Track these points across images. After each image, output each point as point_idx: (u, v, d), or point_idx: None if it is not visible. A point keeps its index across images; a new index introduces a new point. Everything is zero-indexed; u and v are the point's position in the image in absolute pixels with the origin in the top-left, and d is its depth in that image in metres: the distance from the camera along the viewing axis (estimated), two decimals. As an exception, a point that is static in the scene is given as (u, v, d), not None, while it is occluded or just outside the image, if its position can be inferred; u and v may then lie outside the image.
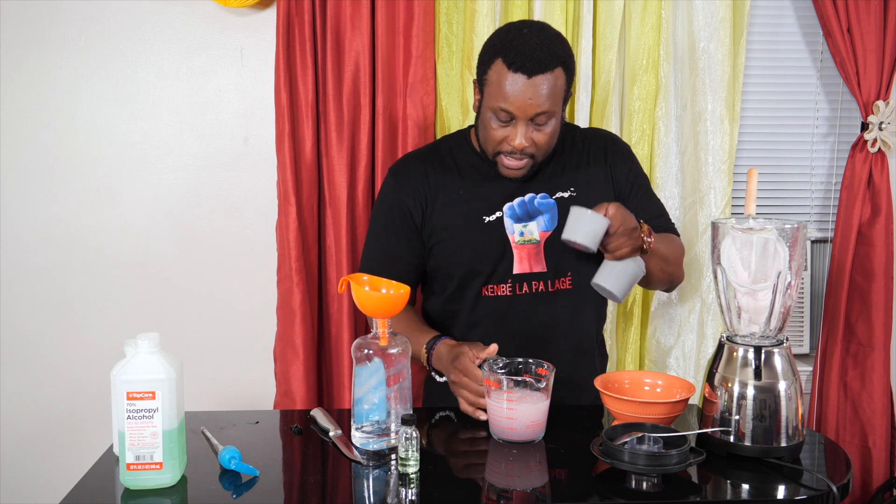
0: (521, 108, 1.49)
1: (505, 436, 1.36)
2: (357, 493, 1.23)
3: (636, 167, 1.72)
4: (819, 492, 1.19)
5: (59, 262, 2.12)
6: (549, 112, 1.50)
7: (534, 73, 1.47)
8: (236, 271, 2.14)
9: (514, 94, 1.48)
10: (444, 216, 1.63)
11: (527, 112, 1.49)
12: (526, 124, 1.51)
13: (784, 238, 1.28)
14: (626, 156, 1.72)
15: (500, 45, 1.51)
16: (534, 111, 1.49)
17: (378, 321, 1.33)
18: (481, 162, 1.66)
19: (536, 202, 1.63)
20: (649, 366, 2.17)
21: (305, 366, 2.01)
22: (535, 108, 1.49)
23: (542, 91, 1.48)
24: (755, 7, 2.15)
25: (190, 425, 1.38)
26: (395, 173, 1.70)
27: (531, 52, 1.48)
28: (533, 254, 1.62)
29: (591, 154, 1.68)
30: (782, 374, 1.28)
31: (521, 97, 1.48)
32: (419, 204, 1.65)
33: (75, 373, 2.14)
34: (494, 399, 1.36)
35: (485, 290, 1.62)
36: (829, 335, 2.21)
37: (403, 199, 1.65)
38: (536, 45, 1.49)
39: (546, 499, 1.20)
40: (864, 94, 2.11)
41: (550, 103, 1.49)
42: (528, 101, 1.48)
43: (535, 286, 1.62)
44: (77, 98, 2.08)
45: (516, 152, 1.53)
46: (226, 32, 2.08)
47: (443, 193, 1.65)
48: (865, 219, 2.16)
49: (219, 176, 2.12)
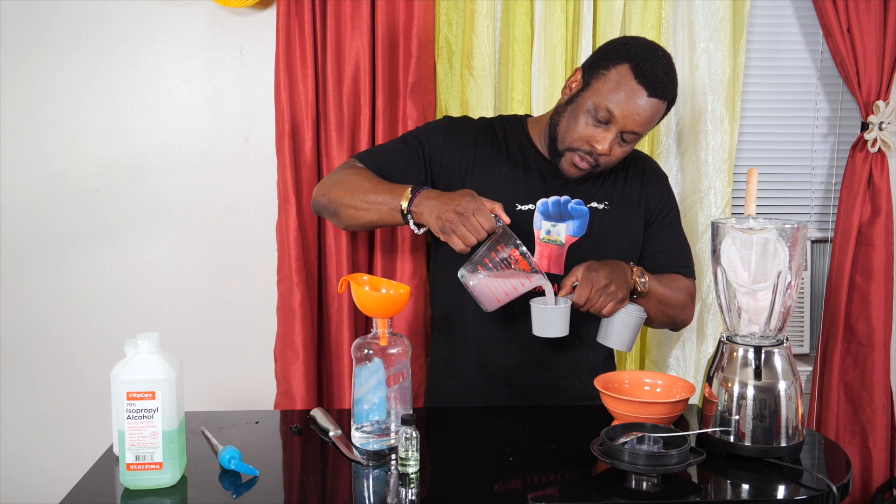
0: (625, 118, 1.51)
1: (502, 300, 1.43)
2: (357, 493, 1.23)
3: (669, 198, 1.74)
4: (819, 492, 1.19)
5: (59, 261, 2.12)
6: (640, 134, 1.54)
7: (654, 94, 1.51)
8: (236, 271, 2.14)
9: (628, 102, 1.50)
10: (480, 190, 1.53)
11: (627, 123, 1.51)
12: (616, 134, 1.53)
13: (784, 238, 1.28)
14: (661, 184, 1.74)
15: (632, 54, 1.52)
16: (633, 126, 1.52)
17: (378, 321, 1.33)
18: (531, 152, 1.66)
19: (570, 206, 1.64)
20: (649, 366, 2.17)
21: (305, 366, 2.01)
22: (636, 124, 1.52)
23: (650, 112, 1.52)
24: (755, 7, 2.15)
25: (190, 425, 1.38)
26: (448, 122, 1.70)
27: (661, 74, 1.51)
28: (555, 255, 1.62)
29: (630, 172, 1.70)
30: (782, 374, 1.28)
31: (633, 108, 1.50)
32: (457, 163, 1.63)
33: (75, 373, 2.14)
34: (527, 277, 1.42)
35: None
36: (829, 335, 2.21)
37: (440, 145, 1.64)
38: (666, 71, 1.53)
39: (546, 499, 1.20)
40: (864, 94, 2.11)
41: (647, 127, 1.54)
42: (636, 115, 1.51)
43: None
44: (77, 98, 2.08)
45: (592, 155, 1.55)
46: (226, 32, 2.08)
47: (483, 167, 1.64)
48: (865, 219, 2.16)
49: (219, 176, 2.12)
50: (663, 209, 1.71)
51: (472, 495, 1.22)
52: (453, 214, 1.40)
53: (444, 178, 1.64)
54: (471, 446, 1.39)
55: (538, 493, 1.22)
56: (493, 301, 1.45)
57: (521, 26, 2.01)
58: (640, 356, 2.18)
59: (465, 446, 1.40)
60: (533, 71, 2.02)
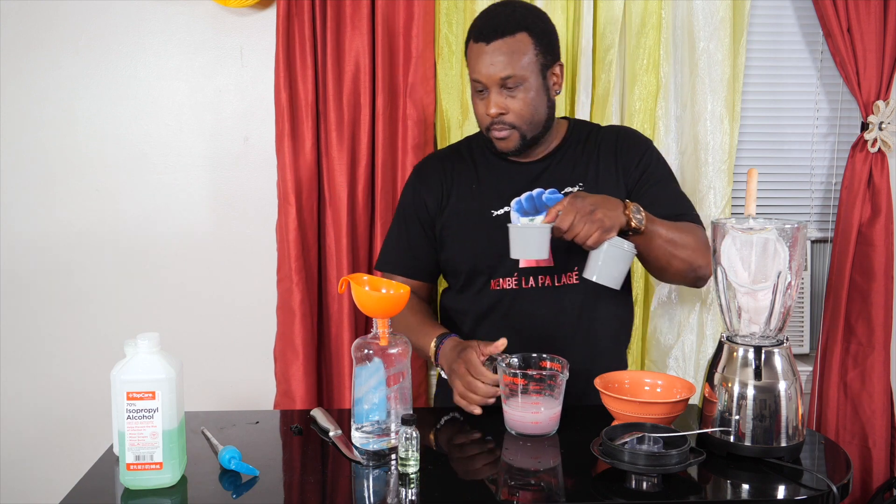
0: (486, 75, 1.55)
1: (528, 430, 1.37)
2: (357, 493, 1.23)
3: (650, 158, 1.68)
4: (819, 492, 1.19)
5: (59, 262, 2.12)
6: (516, 76, 1.54)
7: (492, 40, 1.54)
8: (236, 271, 2.14)
9: (477, 62, 1.55)
10: (456, 209, 1.68)
11: (492, 78, 1.54)
12: (497, 91, 1.56)
13: (784, 238, 1.28)
14: (637, 146, 1.69)
15: (471, 25, 1.60)
16: (498, 75, 1.53)
17: (378, 321, 1.33)
18: (496, 158, 1.69)
19: (545, 197, 1.64)
20: (649, 366, 2.17)
21: (305, 366, 2.01)
22: (497, 72, 1.53)
23: (502, 55, 1.53)
24: (755, 7, 2.15)
25: (190, 425, 1.38)
26: (416, 171, 1.78)
27: (490, 20, 1.56)
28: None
29: (602, 148, 1.68)
30: (782, 374, 1.28)
31: (484, 64, 1.54)
32: (437, 200, 1.70)
33: (75, 373, 2.14)
34: (518, 396, 1.37)
35: (493, 284, 1.63)
36: (829, 335, 2.21)
37: (423, 195, 1.71)
38: (496, 14, 1.58)
39: (546, 499, 1.20)
40: (864, 94, 2.11)
41: (515, 67, 1.54)
42: (490, 67, 1.53)
43: (541, 280, 1.62)
44: (77, 98, 2.08)
45: (497, 122, 1.58)
46: (226, 32, 2.08)
47: (458, 188, 1.69)
48: (865, 219, 2.16)
49: (219, 176, 2.12)
50: (645, 169, 1.66)
51: (471, 495, 1.22)
52: (452, 374, 1.50)
53: (438, 219, 1.70)
54: (471, 446, 1.39)
55: (538, 493, 1.22)
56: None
57: (521, 26, 2.01)
58: (641, 356, 2.17)
59: (465, 446, 1.40)
60: (533, 71, 2.02)
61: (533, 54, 1.55)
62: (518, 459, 1.31)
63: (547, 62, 1.59)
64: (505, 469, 1.29)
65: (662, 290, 2.14)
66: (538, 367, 1.42)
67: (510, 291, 1.63)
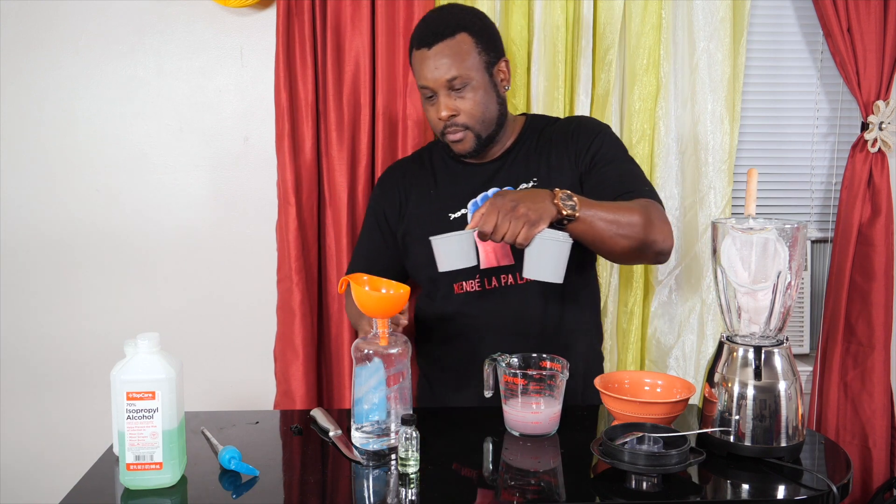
0: (432, 80, 1.57)
1: (528, 430, 1.37)
2: (357, 493, 1.23)
3: (601, 141, 1.63)
4: (819, 492, 1.19)
5: (59, 262, 2.12)
6: (460, 76, 1.56)
7: (433, 44, 1.56)
8: (236, 271, 2.14)
9: (422, 68, 1.58)
10: (415, 214, 1.70)
11: (438, 81, 1.56)
12: (446, 95, 1.58)
13: (784, 238, 1.28)
14: (589, 132, 1.65)
15: (412, 35, 1.63)
16: (444, 78, 1.55)
17: (378, 321, 1.33)
18: (454, 162, 1.71)
19: None
20: (649, 366, 2.17)
21: (305, 366, 2.01)
22: (442, 75, 1.55)
23: (444, 58, 1.55)
24: (755, 7, 2.15)
25: (190, 425, 1.38)
26: (378, 181, 1.81)
27: (429, 26, 1.59)
28: (499, 247, 1.61)
29: (556, 140, 1.67)
30: (782, 374, 1.28)
31: (429, 68, 1.56)
32: (395, 208, 1.73)
33: (75, 373, 2.14)
34: (518, 396, 1.37)
35: (457, 288, 1.64)
36: (829, 335, 2.20)
37: (382, 204, 1.74)
38: (434, 18, 1.60)
39: (546, 499, 1.20)
40: (864, 94, 2.11)
41: (459, 68, 1.56)
42: (435, 71, 1.56)
43: (503, 280, 1.62)
44: (77, 98, 2.08)
45: (450, 125, 1.59)
46: (226, 32, 2.08)
47: (416, 195, 1.72)
48: (865, 219, 2.16)
49: (219, 176, 2.12)
50: (596, 152, 1.61)
51: (471, 495, 1.22)
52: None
53: (399, 226, 1.73)
54: (471, 446, 1.39)
55: (538, 493, 1.22)
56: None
57: (521, 27, 2.01)
58: (640, 356, 2.17)
59: (465, 446, 1.40)
60: (532, 71, 2.02)
61: (475, 53, 1.57)
62: (518, 459, 1.31)
63: (491, 59, 1.60)
64: (505, 469, 1.29)
65: (662, 291, 2.14)
66: (538, 367, 1.42)
67: (474, 294, 1.63)
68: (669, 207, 2.10)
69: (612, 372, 1.49)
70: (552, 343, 1.59)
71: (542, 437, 1.37)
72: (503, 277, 1.62)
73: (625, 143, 1.74)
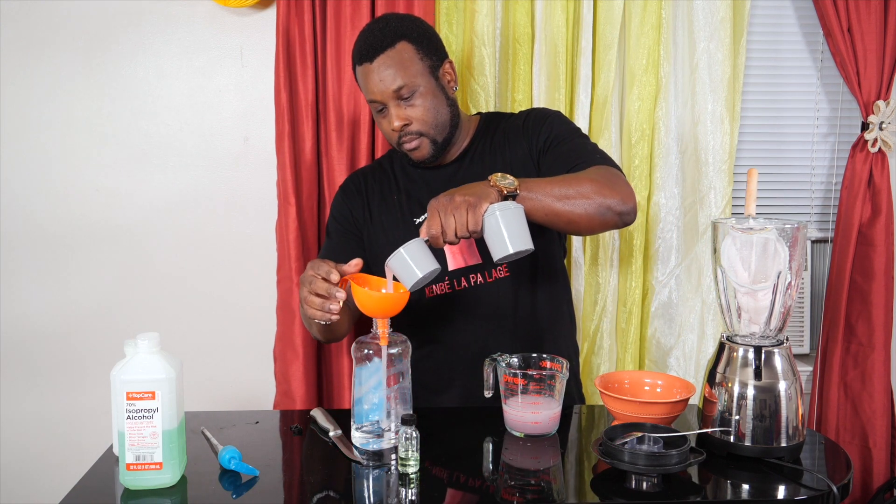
0: (379, 93, 1.56)
1: (528, 430, 1.37)
2: (357, 493, 1.23)
3: (552, 123, 1.62)
4: (819, 492, 1.19)
5: (59, 262, 2.12)
6: (407, 85, 1.56)
7: (375, 57, 1.55)
8: (236, 271, 2.14)
9: (368, 83, 1.57)
10: (380, 221, 1.70)
11: (385, 93, 1.56)
12: (395, 105, 1.57)
13: (784, 238, 1.28)
14: (539, 119, 1.64)
15: (352, 51, 1.62)
16: (390, 88, 1.55)
17: (378, 321, 1.33)
18: (413, 168, 1.71)
19: None
20: (649, 366, 2.17)
21: (305, 366, 2.01)
22: (388, 86, 1.55)
23: (388, 69, 1.55)
24: (755, 7, 2.15)
25: (190, 425, 1.38)
26: (341, 188, 1.79)
27: (367, 39, 1.58)
28: (465, 247, 1.62)
29: (511, 134, 1.67)
30: (782, 374, 1.28)
31: (374, 81, 1.56)
32: (361, 212, 1.72)
33: (75, 373, 2.14)
34: (518, 396, 1.37)
35: (427, 292, 1.63)
36: (829, 335, 2.20)
37: (349, 206, 1.73)
38: (371, 31, 1.59)
39: (546, 499, 1.20)
40: (864, 94, 2.11)
41: (404, 76, 1.55)
42: (381, 83, 1.56)
43: (473, 279, 1.62)
44: (77, 98, 2.08)
45: (404, 135, 1.59)
46: (226, 32, 2.08)
47: (379, 201, 1.71)
48: (865, 219, 2.16)
49: (219, 176, 2.12)
50: (548, 136, 1.60)
51: (471, 495, 1.22)
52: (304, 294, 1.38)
53: (365, 230, 1.72)
54: (471, 446, 1.39)
55: (538, 493, 1.22)
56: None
57: (522, 26, 2.01)
58: (640, 356, 2.17)
59: (465, 446, 1.40)
60: (534, 71, 2.02)
61: (418, 59, 1.57)
62: (518, 459, 1.31)
63: (434, 63, 1.60)
64: (505, 469, 1.29)
65: (662, 291, 2.14)
66: (538, 367, 1.42)
67: (445, 296, 1.63)
68: (669, 207, 2.10)
69: (612, 372, 1.49)
70: (527, 337, 1.61)
71: (542, 437, 1.37)
72: (472, 277, 1.62)
73: (625, 144, 1.74)
